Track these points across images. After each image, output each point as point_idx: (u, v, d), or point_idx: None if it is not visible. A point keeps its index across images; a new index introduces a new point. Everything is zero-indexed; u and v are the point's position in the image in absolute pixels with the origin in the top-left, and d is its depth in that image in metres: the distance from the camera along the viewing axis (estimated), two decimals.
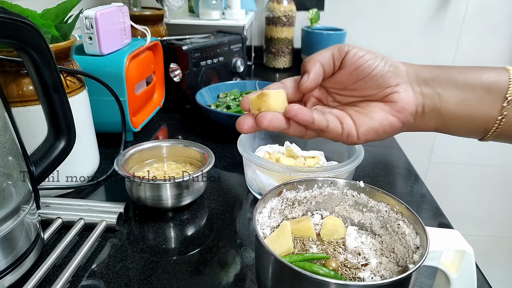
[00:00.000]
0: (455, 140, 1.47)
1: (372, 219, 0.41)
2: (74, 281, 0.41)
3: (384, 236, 0.39)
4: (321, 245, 0.38)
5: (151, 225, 0.50)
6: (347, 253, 0.38)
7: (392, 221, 0.38)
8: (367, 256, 0.37)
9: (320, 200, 0.42)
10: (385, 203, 0.39)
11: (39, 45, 0.38)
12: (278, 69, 1.31)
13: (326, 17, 1.33)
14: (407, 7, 1.31)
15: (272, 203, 0.40)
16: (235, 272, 0.43)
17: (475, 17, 1.31)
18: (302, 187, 0.41)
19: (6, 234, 0.36)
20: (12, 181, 0.37)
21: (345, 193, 0.41)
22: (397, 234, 0.37)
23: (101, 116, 0.66)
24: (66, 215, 0.48)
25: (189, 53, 0.82)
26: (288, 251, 0.36)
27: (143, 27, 0.78)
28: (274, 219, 0.40)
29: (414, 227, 0.35)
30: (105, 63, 0.65)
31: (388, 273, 0.35)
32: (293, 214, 0.42)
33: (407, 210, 0.37)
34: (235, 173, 0.64)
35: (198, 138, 0.77)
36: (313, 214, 0.43)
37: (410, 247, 0.35)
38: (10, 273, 0.37)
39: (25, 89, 0.47)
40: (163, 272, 0.42)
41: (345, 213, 0.42)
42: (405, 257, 0.36)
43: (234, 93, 0.85)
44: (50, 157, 0.43)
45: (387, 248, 0.38)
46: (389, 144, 0.78)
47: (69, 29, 0.53)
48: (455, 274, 0.33)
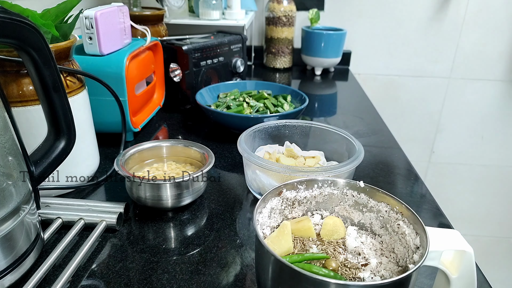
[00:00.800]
0: (455, 140, 1.47)
1: (372, 219, 0.41)
2: (74, 281, 0.41)
3: (384, 236, 0.39)
4: (321, 245, 0.38)
5: (151, 225, 0.50)
6: (347, 253, 0.38)
7: (392, 221, 0.38)
8: (367, 256, 0.37)
9: (320, 200, 0.42)
10: (385, 203, 0.39)
11: (39, 45, 0.38)
12: (278, 69, 1.31)
13: (326, 17, 1.33)
14: (407, 7, 1.31)
15: (272, 203, 0.40)
16: (235, 272, 0.43)
17: (475, 17, 1.31)
18: (302, 187, 0.41)
19: (6, 234, 0.36)
20: (12, 181, 0.37)
21: (345, 193, 0.41)
22: (397, 234, 0.37)
23: (101, 116, 0.66)
24: (66, 215, 0.48)
25: (189, 53, 0.82)
26: (288, 251, 0.36)
27: (143, 27, 0.78)
28: (274, 219, 0.40)
29: (414, 227, 0.35)
30: (105, 63, 0.65)
31: (388, 273, 0.35)
32: (293, 214, 0.42)
33: (407, 210, 0.37)
34: (235, 173, 0.64)
35: (198, 138, 0.77)
36: (313, 214, 0.43)
37: (410, 247, 0.35)
38: (10, 273, 0.37)
39: (25, 89, 0.47)
40: (163, 272, 0.42)
41: (345, 213, 0.42)
42: (405, 257, 0.36)
43: (234, 93, 0.85)
44: (50, 157, 0.43)
45: (387, 248, 0.38)
46: (389, 144, 0.78)
47: (69, 29, 0.53)
48: (455, 274, 0.33)
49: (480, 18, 1.31)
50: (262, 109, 0.79)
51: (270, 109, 0.79)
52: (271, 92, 0.87)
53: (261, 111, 0.79)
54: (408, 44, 1.36)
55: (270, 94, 0.86)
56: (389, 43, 1.36)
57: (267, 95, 0.84)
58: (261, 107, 0.79)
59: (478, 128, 1.45)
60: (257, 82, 0.90)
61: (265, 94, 0.84)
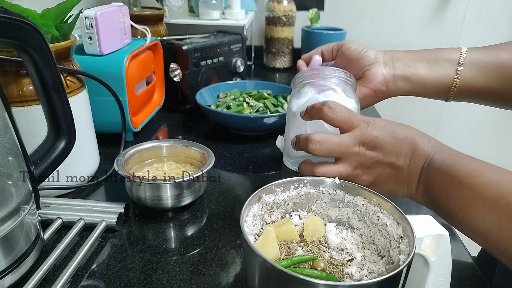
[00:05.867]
0: (455, 140, 1.47)
1: (349, 213, 0.41)
2: (74, 281, 0.41)
3: (363, 229, 0.40)
4: (306, 246, 0.38)
5: (151, 225, 0.50)
6: (331, 250, 0.38)
7: (371, 214, 0.39)
8: (350, 251, 0.38)
9: (297, 200, 0.43)
10: (361, 197, 0.40)
11: (39, 45, 0.38)
12: (278, 69, 1.31)
13: (326, 17, 1.33)
14: (407, 7, 1.31)
15: (254, 210, 0.39)
16: (235, 272, 0.43)
17: (475, 17, 1.31)
18: (280, 189, 0.41)
19: (6, 234, 0.36)
20: (12, 181, 0.37)
21: (321, 191, 0.42)
22: (376, 226, 0.38)
23: (101, 116, 0.66)
24: (66, 215, 0.48)
25: (189, 53, 0.82)
26: (275, 257, 0.36)
27: (143, 27, 0.78)
28: (256, 226, 0.40)
29: (394, 217, 0.37)
30: (105, 63, 0.65)
31: (374, 265, 0.36)
32: (272, 218, 0.42)
33: (385, 202, 0.38)
34: (235, 173, 0.64)
35: (198, 138, 0.77)
36: (291, 215, 0.43)
37: (392, 237, 0.36)
38: (10, 273, 0.37)
39: (25, 89, 0.47)
40: (163, 272, 0.42)
41: (321, 211, 0.43)
42: (387, 247, 0.37)
43: (234, 93, 0.85)
44: (50, 157, 0.43)
45: (367, 240, 0.39)
46: None
47: (69, 29, 0.53)
48: (433, 257, 0.34)
49: (480, 18, 1.31)
50: (262, 109, 0.79)
51: (270, 109, 0.79)
52: (271, 92, 0.87)
53: (261, 111, 0.79)
54: (408, 44, 1.36)
55: (270, 94, 0.86)
56: (389, 43, 1.36)
57: (267, 95, 0.84)
58: (261, 107, 0.79)
59: (478, 128, 1.45)
60: (257, 82, 0.91)
61: (265, 94, 0.84)
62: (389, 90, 0.51)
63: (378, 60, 0.51)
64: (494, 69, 0.48)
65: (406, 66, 0.50)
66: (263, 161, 0.68)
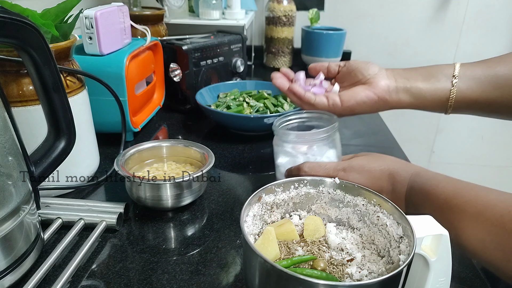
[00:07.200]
0: (455, 140, 1.47)
1: (349, 213, 0.41)
2: (74, 281, 0.40)
3: (363, 229, 0.40)
4: (306, 246, 0.38)
5: (151, 225, 0.50)
6: (331, 250, 0.38)
7: (371, 214, 0.39)
8: (350, 251, 0.38)
9: (297, 200, 0.43)
10: (361, 197, 0.40)
11: (39, 45, 0.38)
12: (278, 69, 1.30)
13: (326, 17, 1.33)
14: (407, 7, 1.31)
15: (254, 210, 0.39)
16: (235, 272, 0.43)
17: (475, 17, 1.31)
18: (280, 189, 0.41)
19: (6, 234, 0.36)
20: (12, 181, 0.37)
21: (320, 191, 0.42)
22: (376, 226, 0.38)
23: (101, 116, 0.66)
24: (66, 215, 0.48)
25: (189, 53, 0.82)
26: (275, 257, 0.36)
27: (143, 27, 0.77)
28: (256, 226, 0.40)
29: (394, 217, 0.37)
30: (105, 63, 0.65)
31: (374, 265, 0.36)
32: (272, 218, 0.42)
33: (385, 202, 0.38)
34: (235, 173, 0.64)
35: (198, 138, 0.77)
36: (291, 215, 0.43)
37: (392, 237, 0.36)
38: (10, 273, 0.37)
39: (25, 89, 0.47)
40: (163, 272, 0.42)
41: (321, 211, 0.43)
42: (387, 247, 0.37)
43: (234, 93, 0.85)
44: (50, 157, 0.43)
45: (367, 240, 0.39)
46: (389, 144, 0.78)
47: (69, 29, 0.53)
48: (433, 257, 0.34)
49: (480, 18, 1.31)
50: (262, 109, 0.79)
51: (270, 109, 0.79)
52: (271, 92, 0.87)
53: (261, 111, 0.79)
54: (408, 44, 1.36)
55: (270, 94, 0.86)
56: (389, 43, 1.36)
57: (267, 95, 0.84)
58: (261, 107, 0.79)
59: (478, 128, 1.45)
60: (257, 82, 0.90)
61: (265, 94, 0.84)
62: (392, 100, 0.53)
63: (382, 72, 0.54)
64: (488, 80, 0.50)
65: (406, 80, 0.53)
66: (263, 161, 0.68)
